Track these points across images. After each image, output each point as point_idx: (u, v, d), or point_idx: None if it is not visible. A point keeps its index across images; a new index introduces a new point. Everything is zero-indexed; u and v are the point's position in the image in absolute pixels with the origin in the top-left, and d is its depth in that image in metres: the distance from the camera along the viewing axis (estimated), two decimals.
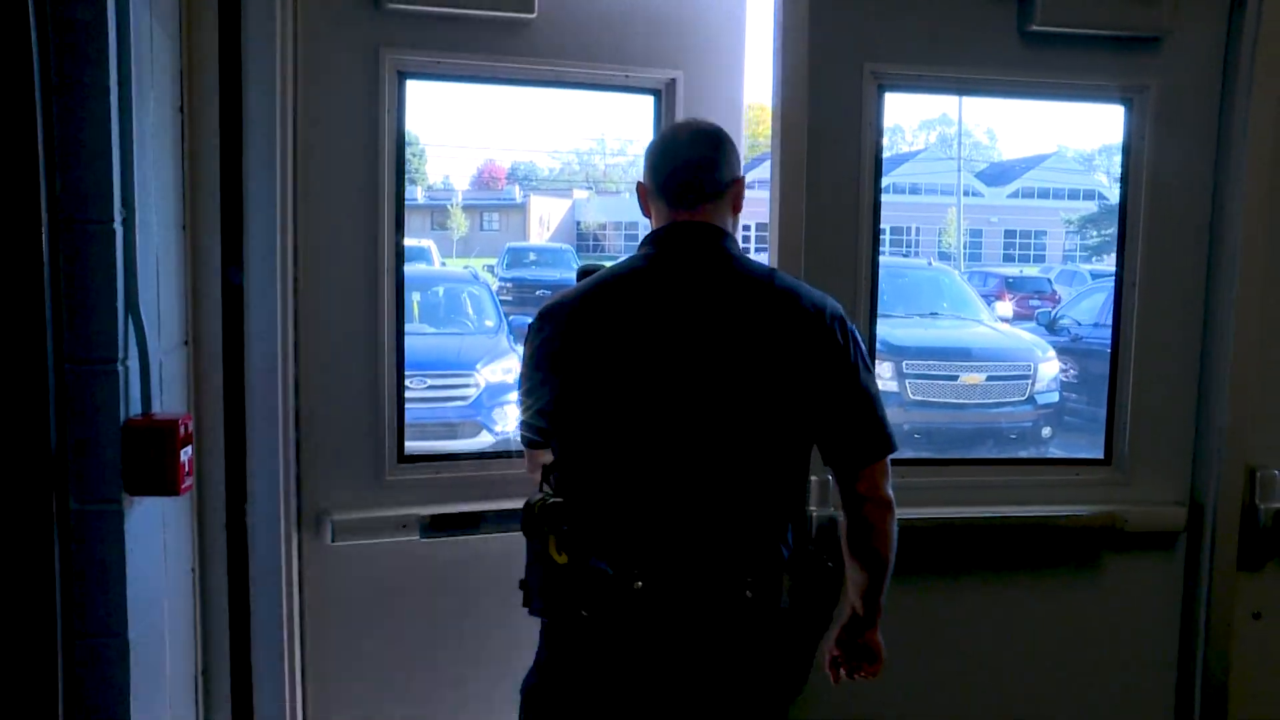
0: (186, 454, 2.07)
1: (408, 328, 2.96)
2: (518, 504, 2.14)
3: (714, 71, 2.90)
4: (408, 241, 2.98)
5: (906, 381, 9.50)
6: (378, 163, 2.64)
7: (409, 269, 3.26)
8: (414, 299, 10.30)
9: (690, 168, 2.20)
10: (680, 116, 2.79)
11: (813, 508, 2.56)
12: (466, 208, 59.80)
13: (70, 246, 1.95)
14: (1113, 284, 2.97)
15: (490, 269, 27.31)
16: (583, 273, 2.31)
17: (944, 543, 2.66)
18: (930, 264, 14.36)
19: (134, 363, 2.01)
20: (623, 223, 59.64)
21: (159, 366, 2.15)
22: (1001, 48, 2.60)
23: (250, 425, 2.44)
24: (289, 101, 2.40)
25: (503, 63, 2.76)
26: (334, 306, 2.63)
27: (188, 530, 2.38)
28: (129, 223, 1.99)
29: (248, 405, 2.44)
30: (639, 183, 2.28)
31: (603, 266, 2.28)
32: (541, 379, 2.19)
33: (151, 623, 2.12)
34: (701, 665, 2.07)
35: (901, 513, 2.18)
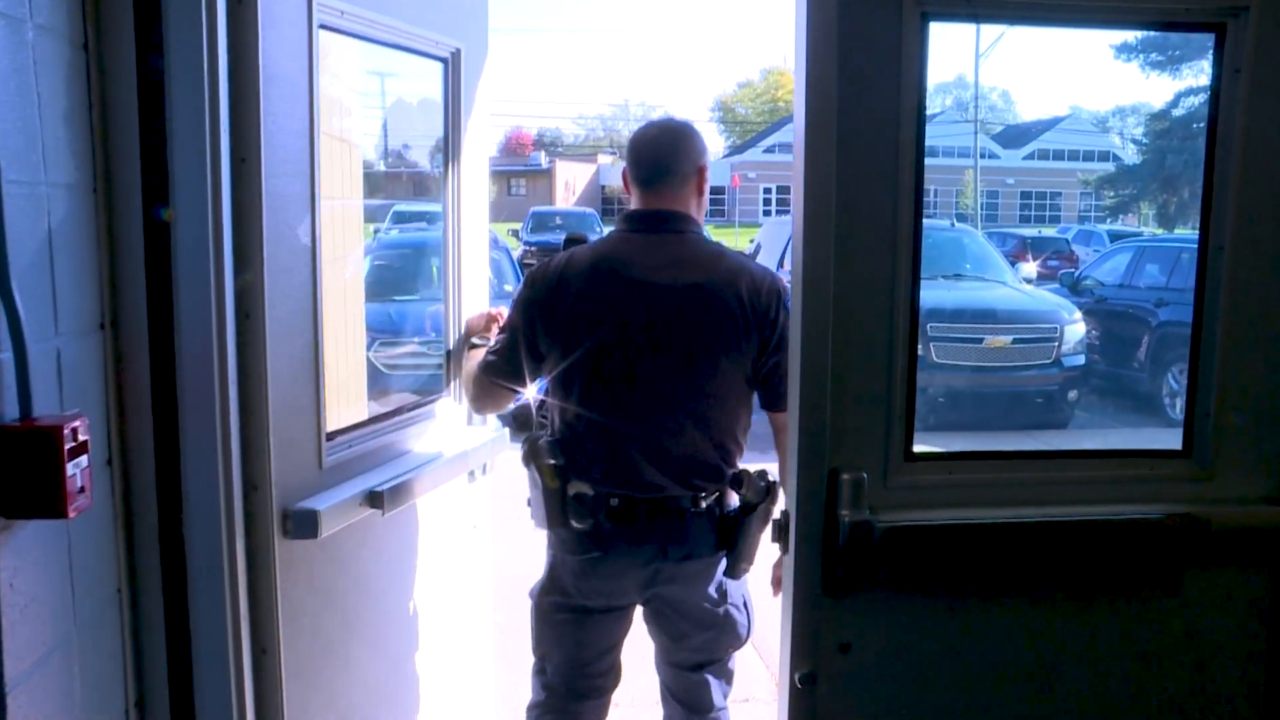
0: (79, 466, 1.62)
1: (418, 295, 2.96)
2: None
3: (480, 48, 3.08)
4: (424, 205, 3.06)
5: (931, 345, 9.02)
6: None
7: (423, 233, 3.13)
8: (433, 265, 9.97)
9: (656, 158, 2.64)
10: (464, 86, 2.99)
11: (844, 511, 2.09)
12: (494, 173, 59.57)
13: None
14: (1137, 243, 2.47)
15: (515, 233, 27.06)
16: (569, 241, 2.87)
17: (994, 550, 2.19)
18: (953, 224, 13.79)
19: (6, 355, 1.56)
20: None
21: (53, 357, 1.70)
22: None
23: (184, 421, 1.99)
24: (218, 36, 1.93)
25: None
26: (283, 284, 2.18)
27: (110, 547, 1.93)
28: None
29: (180, 398, 1.99)
30: (624, 169, 2.72)
31: (586, 239, 2.77)
32: (523, 329, 2.62)
33: (47, 667, 1.69)
34: (665, 557, 2.59)
35: (948, 515, 2.12)
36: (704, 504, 2.57)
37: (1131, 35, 28.60)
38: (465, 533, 3.09)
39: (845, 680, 2.19)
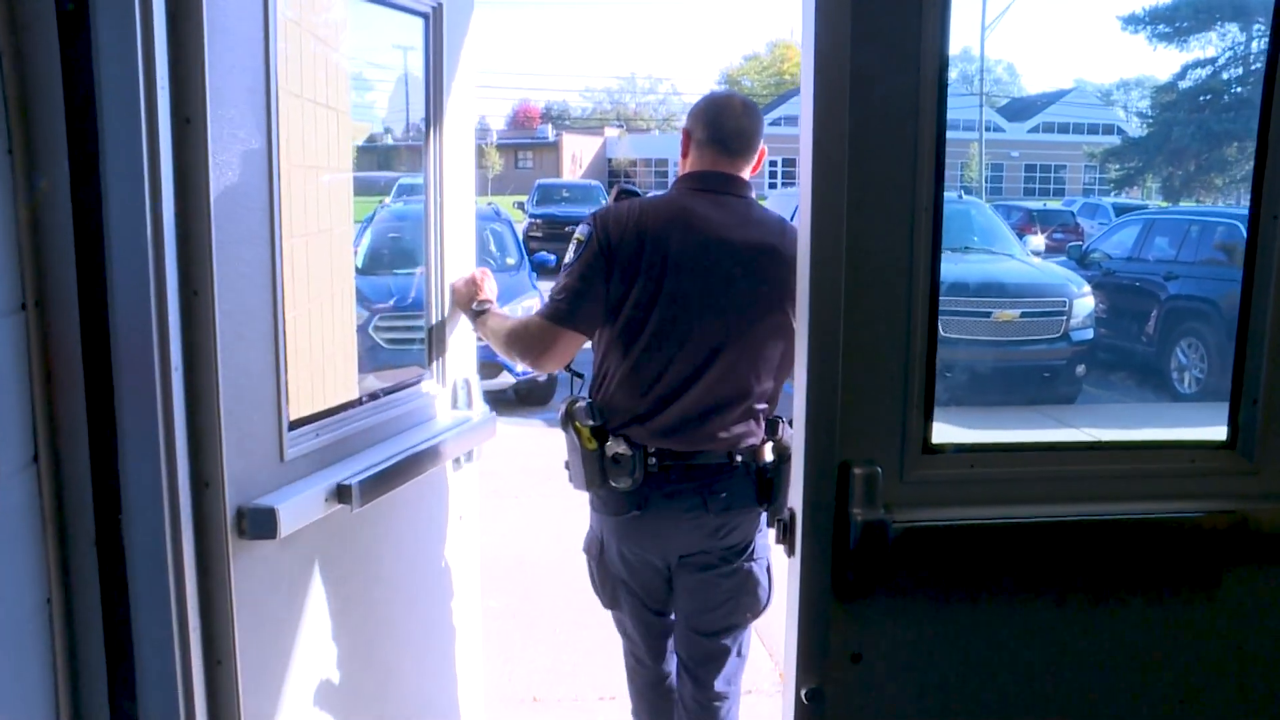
0: None
1: (421, 268, 2.90)
2: None
3: (464, 3, 2.84)
4: (418, 178, 2.93)
5: (940, 318, 8.74)
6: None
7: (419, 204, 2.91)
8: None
9: (740, 129, 2.69)
10: (446, 42, 2.77)
11: (856, 510, 1.86)
12: (501, 146, 59.43)
13: None
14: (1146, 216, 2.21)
15: (520, 206, 26.74)
16: (622, 193, 2.74)
17: (1020, 551, 1.96)
18: (961, 196, 13.50)
19: None
20: (653, 159, 59.64)
21: None
22: None
23: (121, 411, 1.76)
24: None
25: None
26: (236, 258, 1.95)
27: (38, 553, 1.71)
28: None
29: (117, 386, 1.76)
30: (685, 129, 2.74)
31: (639, 193, 2.75)
32: (600, 272, 2.56)
33: None
34: (706, 509, 2.62)
35: (972, 513, 1.93)
36: (739, 459, 2.61)
37: (1139, 6, 28.20)
38: (450, 524, 2.86)
39: (857, 693, 1.96)
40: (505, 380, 9.04)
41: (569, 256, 2.61)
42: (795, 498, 1.91)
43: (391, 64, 3.90)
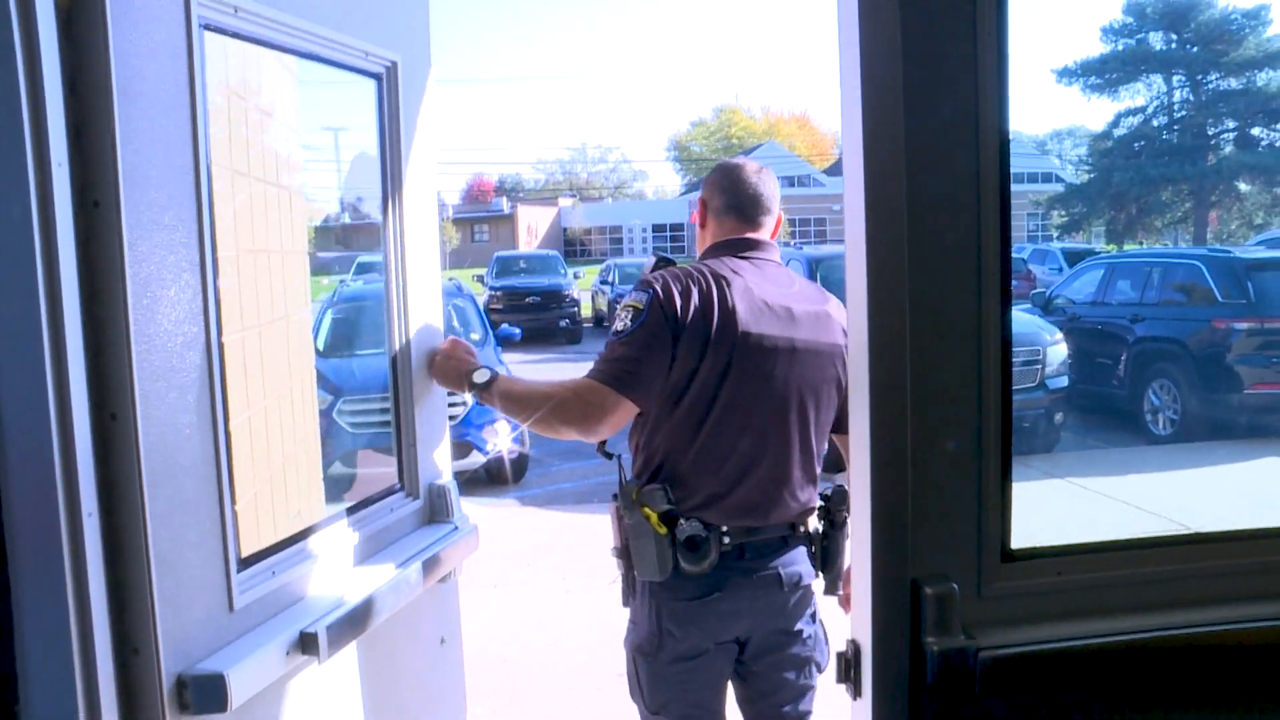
0: None
1: (381, 348, 2.54)
2: None
3: (421, 59, 2.53)
4: (377, 256, 2.62)
5: None
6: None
7: (380, 285, 2.57)
8: None
9: (759, 194, 2.61)
10: (402, 104, 2.45)
11: (930, 639, 1.50)
12: (457, 221, 59.26)
13: None
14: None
15: (480, 279, 26.38)
16: (662, 261, 2.55)
17: (1135, 670, 1.61)
18: None
19: None
20: (606, 227, 59.78)
21: None
22: None
23: (15, 565, 1.38)
24: (37, 36, 1.33)
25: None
26: (165, 367, 1.57)
27: None
28: None
29: (9, 534, 1.37)
30: (700, 199, 2.68)
31: (675, 261, 2.53)
32: (667, 342, 2.36)
33: None
34: (781, 586, 2.46)
35: (1066, 630, 1.57)
36: (802, 528, 2.50)
37: (1071, 60, 28.60)
38: (431, 650, 2.46)
39: None
40: (475, 460, 8.63)
41: (623, 324, 2.38)
42: (859, 627, 1.55)
43: (346, 132, 3.56)
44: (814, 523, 2.53)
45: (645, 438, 2.43)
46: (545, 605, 5.77)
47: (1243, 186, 27.68)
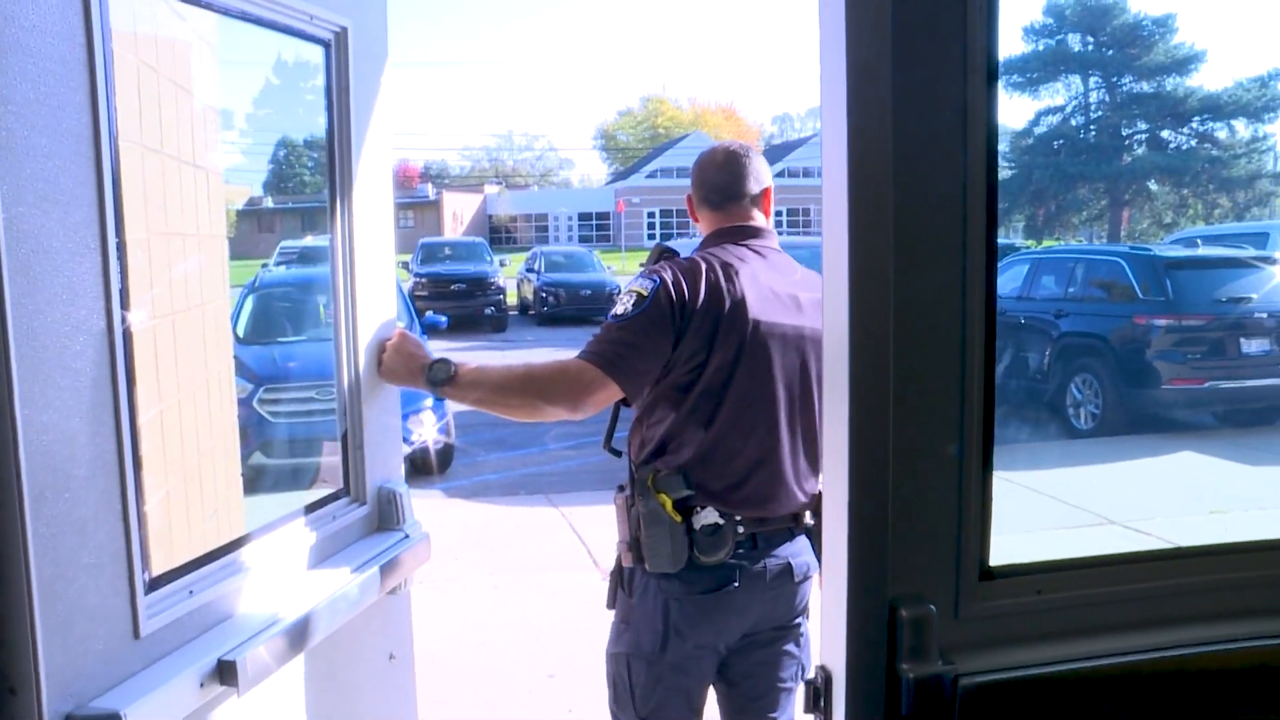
0: None
1: (304, 335, 2.09)
2: None
3: (376, 29, 2.33)
4: (311, 240, 2.27)
5: None
6: None
7: (306, 270, 2.29)
8: (320, 303, 9.11)
9: (732, 180, 2.52)
10: (352, 72, 2.25)
11: (905, 665, 1.37)
12: None
13: None
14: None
15: (405, 265, 25.92)
16: (666, 251, 2.46)
17: (1121, 695, 1.49)
18: None
19: None
20: (533, 214, 59.45)
21: None
22: None
23: None
24: None
25: None
26: (52, 365, 1.38)
27: None
28: None
29: None
30: (688, 195, 2.60)
31: (678, 252, 2.43)
32: (667, 332, 2.28)
33: None
34: (793, 577, 2.40)
35: (1048, 653, 1.46)
36: (803, 520, 2.43)
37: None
38: (379, 667, 2.27)
39: None
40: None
41: (624, 309, 2.30)
42: (830, 653, 1.42)
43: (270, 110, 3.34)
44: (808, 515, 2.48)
45: (653, 426, 2.36)
46: (473, 603, 5.59)
47: (1153, 186, 28.29)
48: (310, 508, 2.17)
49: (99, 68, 1.49)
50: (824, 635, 1.45)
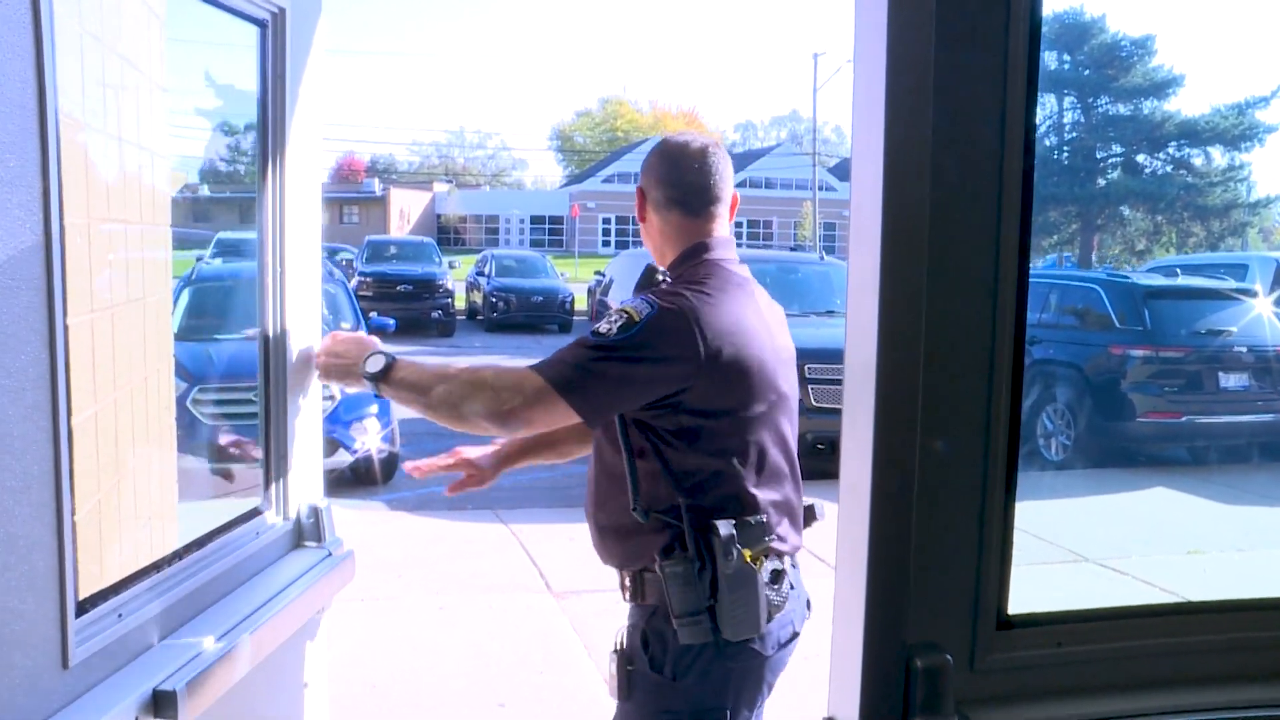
0: None
1: (241, 333, 2.20)
2: None
3: (311, 7, 2.28)
4: (239, 233, 2.24)
5: (809, 387, 8.41)
6: None
7: (244, 264, 2.25)
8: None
9: (710, 182, 2.27)
10: (289, 56, 2.19)
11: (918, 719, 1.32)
12: (326, 200, 57.76)
13: None
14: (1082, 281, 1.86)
15: (349, 262, 25.70)
16: (652, 270, 2.25)
17: None
18: (823, 259, 13.33)
19: None
20: (483, 215, 59.25)
21: None
22: None
23: None
24: None
25: None
26: None
27: None
28: None
29: None
30: (639, 188, 2.32)
31: (659, 270, 2.24)
32: (678, 378, 2.07)
33: None
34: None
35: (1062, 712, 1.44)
36: None
37: None
38: (294, 698, 2.17)
39: None
40: (342, 459, 8.27)
41: (610, 330, 2.05)
42: (841, 704, 1.36)
43: (210, 91, 3.24)
44: None
45: (689, 472, 2.11)
46: (417, 624, 5.47)
47: (1126, 212, 28.73)
48: (232, 525, 2.08)
49: (44, 35, 1.41)
50: (833, 684, 1.40)
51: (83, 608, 1.48)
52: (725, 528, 2.04)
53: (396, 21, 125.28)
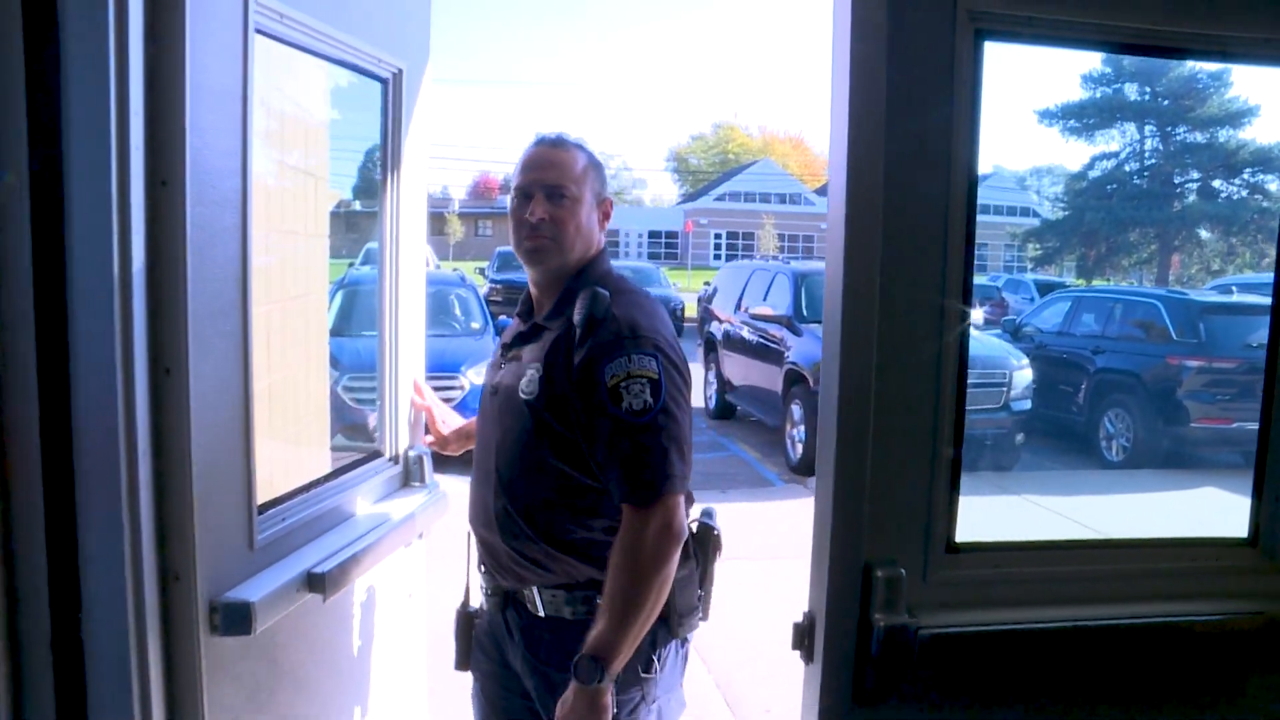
0: None
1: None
2: None
3: (420, 68, 2.58)
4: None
5: None
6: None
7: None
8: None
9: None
10: (405, 105, 2.52)
11: (878, 615, 1.62)
12: (462, 215, 59.15)
13: None
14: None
15: (481, 271, 26.41)
16: (599, 289, 2.01)
17: (1046, 657, 1.73)
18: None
19: None
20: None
21: None
22: None
23: (83, 500, 1.48)
24: (129, 26, 1.44)
25: None
26: (209, 333, 1.69)
27: None
28: None
29: (78, 473, 1.48)
30: (608, 199, 2.12)
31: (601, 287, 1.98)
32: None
33: None
34: None
35: (995, 616, 1.72)
36: None
37: (1053, 102, 28.91)
38: (401, 603, 2.55)
39: None
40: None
41: (647, 401, 1.85)
42: (815, 601, 1.67)
43: (357, 127, 3.64)
44: None
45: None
46: None
47: (1203, 234, 28.02)
48: (360, 461, 2.46)
49: (249, 98, 1.78)
50: (813, 588, 1.70)
51: (261, 509, 1.87)
52: (716, 529, 2.09)
53: (532, 52, 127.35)
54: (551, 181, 2.01)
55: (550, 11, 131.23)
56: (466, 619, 2.15)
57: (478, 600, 2.15)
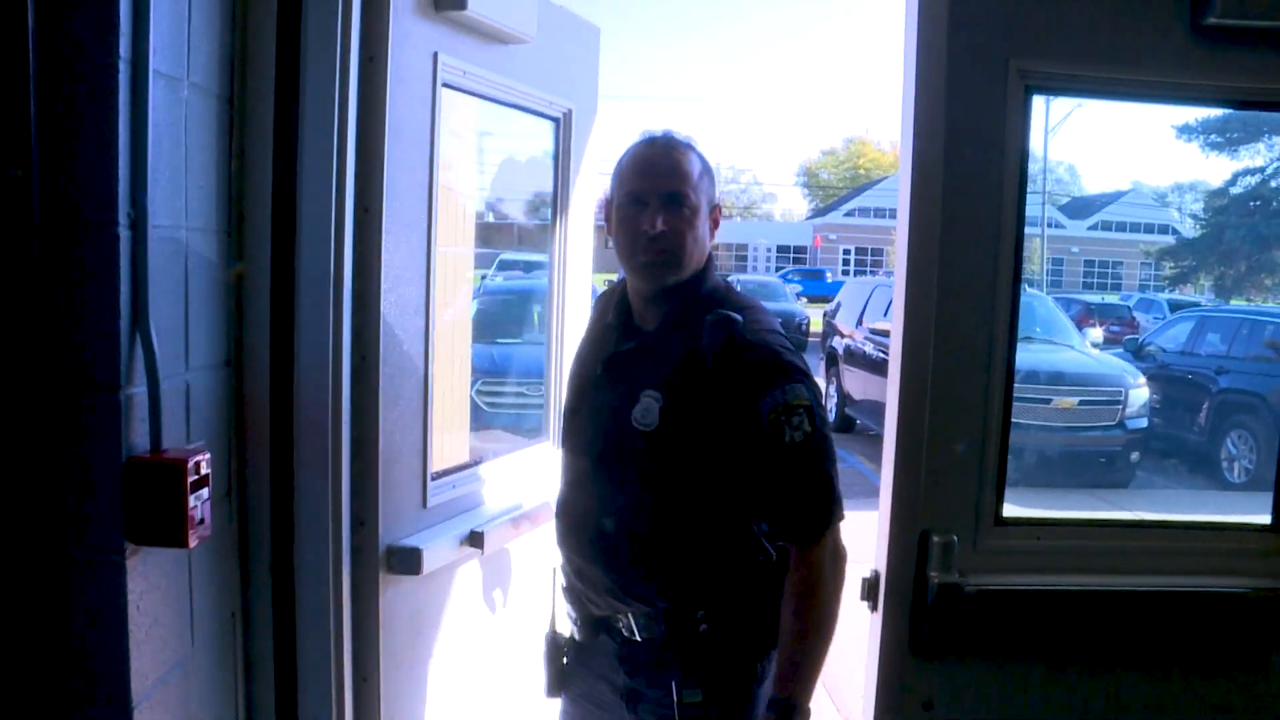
0: (200, 498, 1.55)
1: (520, 339, 2.73)
2: None
3: (589, 109, 2.93)
4: (528, 255, 2.85)
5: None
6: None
7: (522, 281, 2.86)
8: (534, 311, 9.94)
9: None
10: (574, 144, 2.87)
11: (934, 573, 1.93)
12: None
13: (65, 252, 1.44)
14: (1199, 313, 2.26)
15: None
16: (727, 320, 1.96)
17: (1079, 617, 2.01)
18: (1025, 289, 13.38)
19: (140, 390, 1.50)
20: (733, 244, 59.67)
21: (183, 391, 1.64)
22: (1171, 44, 1.95)
23: (299, 457, 1.92)
24: (349, 90, 1.87)
25: None
26: (397, 328, 2.11)
27: (227, 574, 1.86)
28: (139, 225, 1.47)
29: (297, 435, 1.91)
30: (718, 205, 2.05)
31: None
32: None
33: (168, 685, 1.61)
34: None
35: (1037, 580, 2.01)
36: None
37: (1193, 117, 27.98)
38: (546, 573, 2.94)
39: None
40: None
41: (808, 429, 1.83)
42: (880, 560, 2.00)
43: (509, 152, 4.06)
44: None
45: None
46: None
47: None
48: (522, 446, 2.86)
49: (435, 141, 2.21)
50: (878, 550, 2.02)
51: (434, 476, 2.29)
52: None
53: (661, 66, 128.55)
54: (670, 189, 1.89)
55: (682, 28, 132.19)
56: (556, 647, 2.10)
57: (565, 627, 2.12)
